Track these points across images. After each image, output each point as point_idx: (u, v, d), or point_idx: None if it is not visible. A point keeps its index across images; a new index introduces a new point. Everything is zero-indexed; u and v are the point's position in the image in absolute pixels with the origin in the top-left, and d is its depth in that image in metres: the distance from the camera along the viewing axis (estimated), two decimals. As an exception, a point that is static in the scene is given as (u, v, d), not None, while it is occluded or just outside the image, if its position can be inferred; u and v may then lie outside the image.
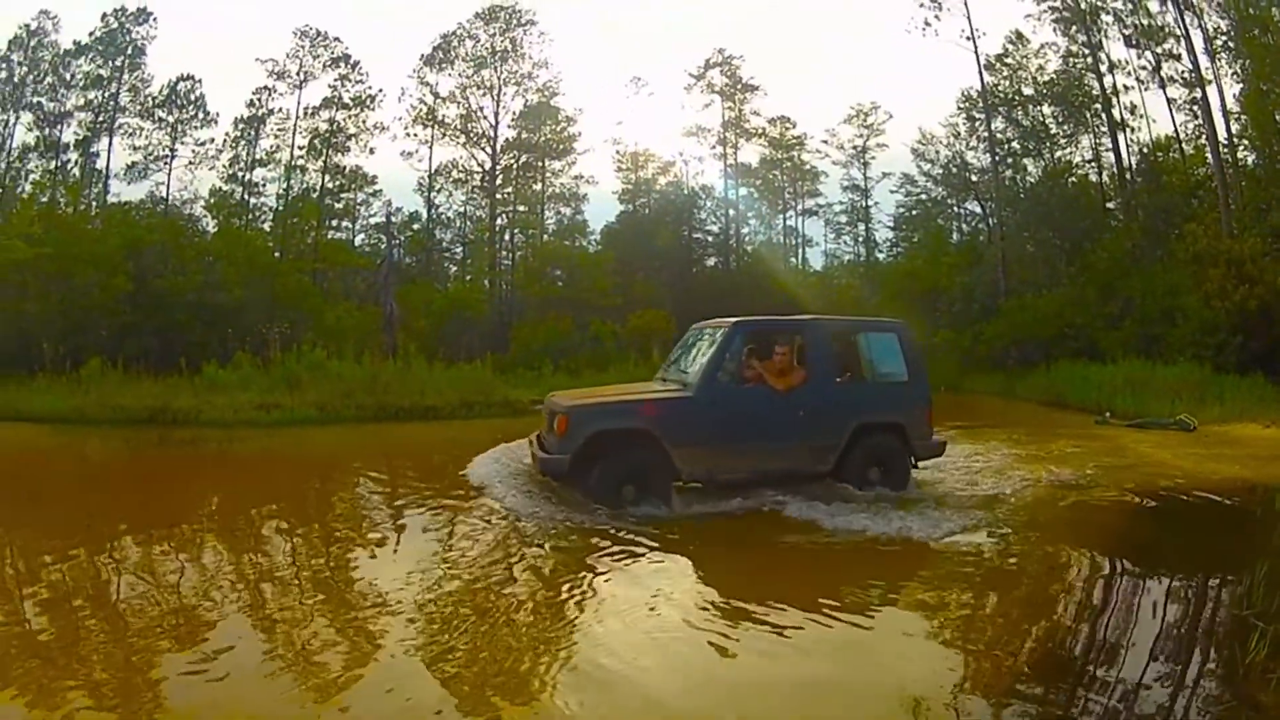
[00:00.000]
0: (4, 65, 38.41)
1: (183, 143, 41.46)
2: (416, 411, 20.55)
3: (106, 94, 39.82)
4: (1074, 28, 36.16)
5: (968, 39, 37.81)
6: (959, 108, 41.87)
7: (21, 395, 20.90)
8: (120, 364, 22.89)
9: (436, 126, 45.15)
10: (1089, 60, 35.99)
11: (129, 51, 40.04)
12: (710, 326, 10.81)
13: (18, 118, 38.57)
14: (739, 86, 49.45)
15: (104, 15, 39.70)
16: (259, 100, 42.07)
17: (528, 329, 34.53)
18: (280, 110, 42.20)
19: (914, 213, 51.14)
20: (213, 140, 41.79)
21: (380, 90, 43.54)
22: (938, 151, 44.00)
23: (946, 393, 26.12)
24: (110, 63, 39.74)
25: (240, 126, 42.11)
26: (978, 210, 44.48)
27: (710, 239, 51.20)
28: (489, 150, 45.48)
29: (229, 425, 18.92)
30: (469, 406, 22.04)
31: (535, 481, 10.42)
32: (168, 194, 41.41)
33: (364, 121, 43.12)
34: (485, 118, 45.40)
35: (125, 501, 11.23)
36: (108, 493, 12.08)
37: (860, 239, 54.06)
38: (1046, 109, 38.21)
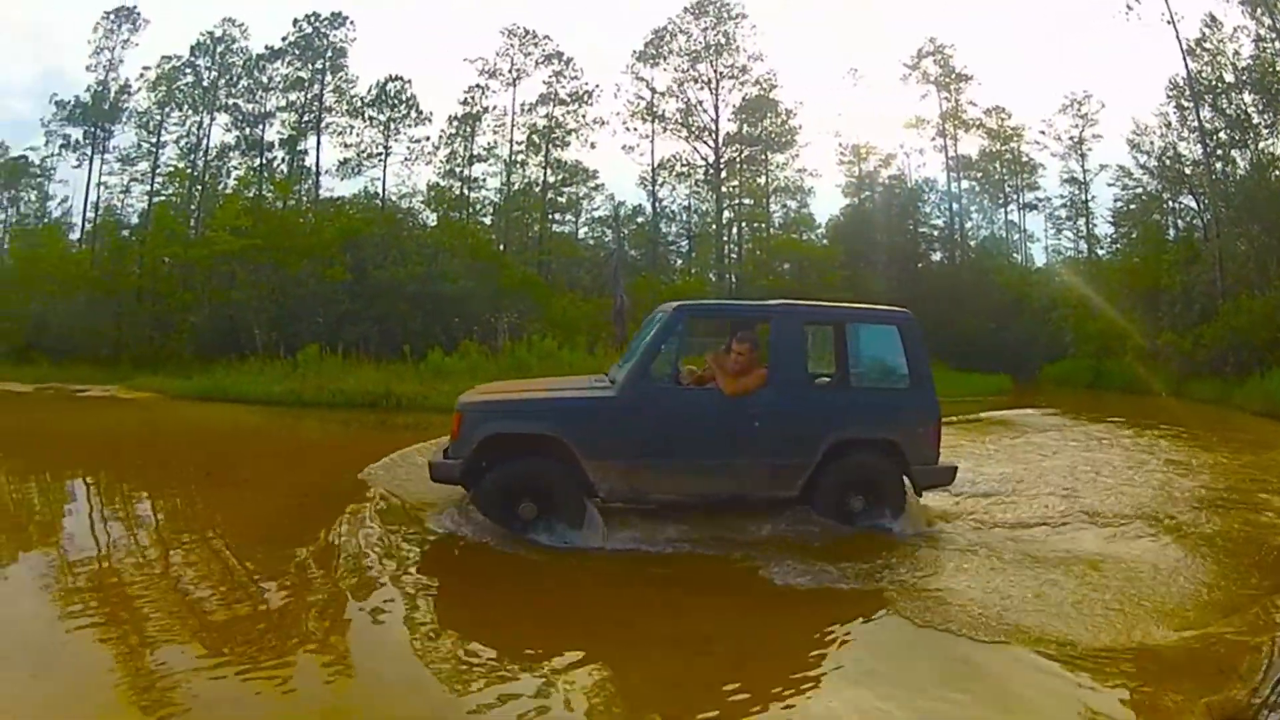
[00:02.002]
0: (190, 69, 39.42)
1: (396, 140, 41.67)
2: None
3: (309, 95, 40.65)
4: (1259, 9, 32.36)
5: (1168, 22, 34.54)
6: (1167, 96, 37.79)
7: (231, 378, 20.92)
8: (340, 351, 22.93)
9: (656, 121, 43.84)
10: (1277, 45, 32.31)
11: (329, 54, 40.75)
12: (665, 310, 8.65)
13: (213, 119, 39.54)
14: (953, 76, 46.60)
15: (295, 20, 40.77)
16: (472, 98, 42.38)
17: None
18: (496, 107, 42.39)
19: (1131, 207, 45.95)
20: (427, 137, 42.00)
21: (597, 86, 43.06)
22: (1151, 143, 39.65)
23: (1167, 398, 25.69)
24: (309, 65, 40.60)
25: (455, 124, 42.43)
26: (1193, 205, 39.80)
27: (935, 233, 48.74)
28: (711, 144, 43.78)
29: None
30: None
31: None
32: (384, 189, 41.76)
33: (582, 116, 42.61)
34: (705, 111, 43.70)
35: (341, 481, 9.87)
36: (323, 472, 11.11)
37: (1081, 234, 49.56)
38: (1247, 97, 34.17)
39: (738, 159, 44.89)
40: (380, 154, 41.40)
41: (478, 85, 42.03)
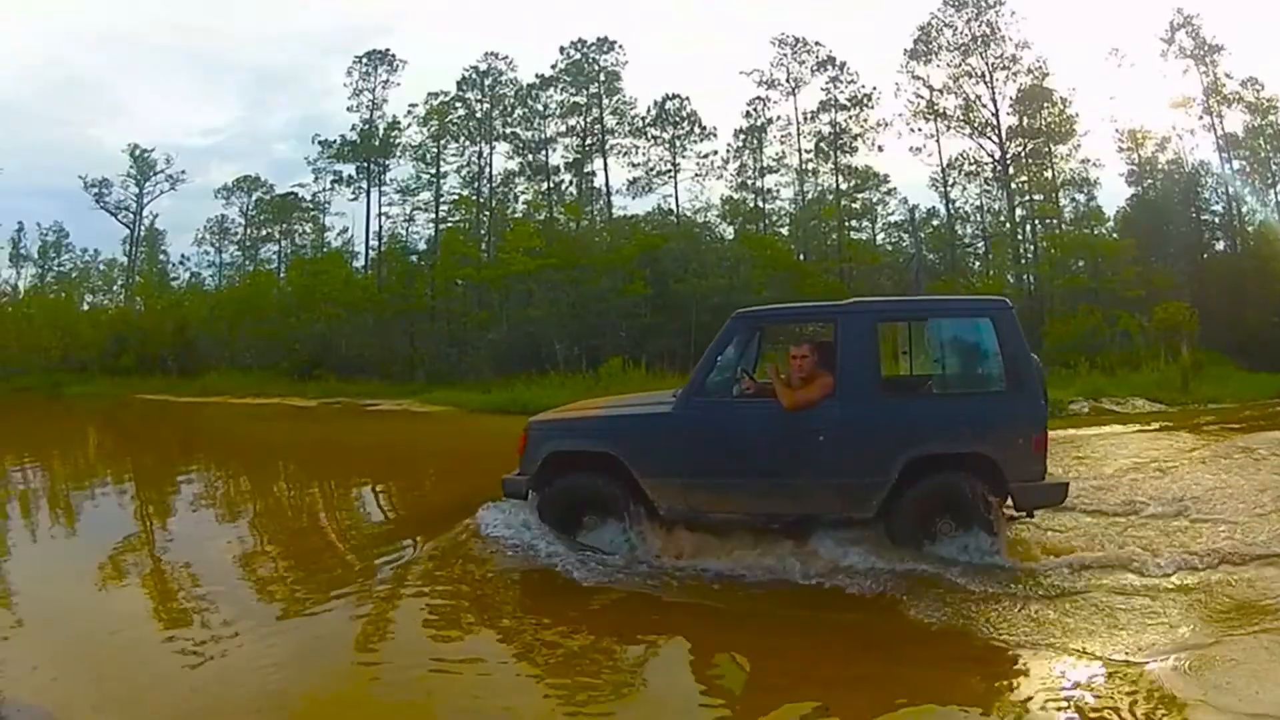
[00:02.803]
0: (460, 103, 40.86)
1: (683, 156, 42.18)
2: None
3: (589, 119, 41.73)
4: None
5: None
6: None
7: (530, 392, 21.35)
8: (643, 363, 23.67)
9: (939, 119, 41.64)
10: None
11: (601, 78, 41.70)
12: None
13: (492, 148, 41.19)
14: (1206, 48, 41.68)
15: (562, 48, 41.87)
16: (755, 110, 41.72)
17: (1060, 324, 31.09)
18: (780, 118, 41.61)
19: (1387, 178, 42.08)
20: (715, 152, 42.21)
21: (875, 88, 41.59)
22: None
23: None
24: (584, 90, 41.62)
25: (741, 137, 42.06)
26: None
27: (1215, 220, 44.08)
28: (995, 139, 41.30)
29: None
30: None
31: None
32: (677, 204, 42.33)
33: (864, 120, 41.08)
34: (985, 105, 41.27)
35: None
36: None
37: (1349, 213, 45.53)
38: None
39: (1022, 153, 42.29)
40: (669, 171, 42.19)
41: (758, 97, 41.37)
